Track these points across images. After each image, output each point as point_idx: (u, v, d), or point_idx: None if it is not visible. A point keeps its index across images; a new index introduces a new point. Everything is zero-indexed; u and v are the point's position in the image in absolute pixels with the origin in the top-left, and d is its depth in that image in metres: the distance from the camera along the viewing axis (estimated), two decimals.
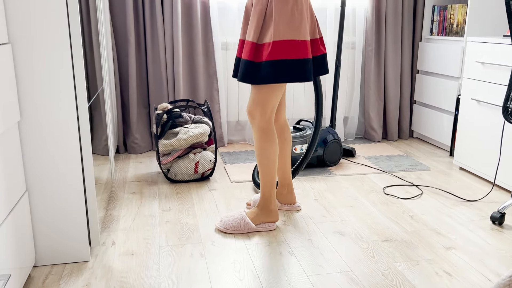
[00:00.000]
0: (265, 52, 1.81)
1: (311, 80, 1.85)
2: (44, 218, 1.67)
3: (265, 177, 1.98)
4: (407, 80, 3.39)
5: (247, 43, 1.87)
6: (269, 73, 1.80)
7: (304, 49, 1.81)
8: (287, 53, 1.79)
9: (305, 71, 1.82)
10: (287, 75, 1.80)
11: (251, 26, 1.86)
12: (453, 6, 3.07)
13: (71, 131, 1.62)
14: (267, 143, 1.93)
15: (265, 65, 1.80)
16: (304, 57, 1.81)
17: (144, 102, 3.12)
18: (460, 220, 2.10)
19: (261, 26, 1.84)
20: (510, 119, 2.05)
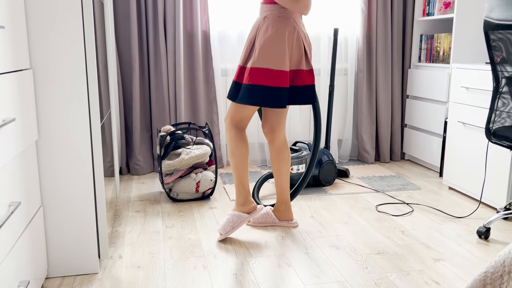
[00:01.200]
0: (245, 76, 2.04)
1: (284, 107, 2.02)
2: (57, 232, 1.77)
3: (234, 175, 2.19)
4: (398, 104, 3.56)
5: (240, 68, 2.13)
6: (246, 95, 2.03)
7: (280, 78, 1.99)
8: (262, 80, 2.00)
9: (278, 98, 2.00)
10: (259, 99, 2.01)
11: (243, 51, 2.12)
12: (439, 35, 3.27)
13: (85, 151, 1.74)
14: (232, 144, 2.15)
15: (243, 88, 2.04)
16: (278, 85, 1.99)
17: (147, 125, 3.25)
18: (449, 235, 2.22)
19: (248, 53, 2.08)
20: (492, 140, 2.20)
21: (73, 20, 1.65)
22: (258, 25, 2.06)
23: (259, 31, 2.04)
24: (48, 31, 1.64)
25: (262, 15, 2.06)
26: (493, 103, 2.19)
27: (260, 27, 2.04)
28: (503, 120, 2.17)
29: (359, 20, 3.42)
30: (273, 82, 2.00)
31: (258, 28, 2.05)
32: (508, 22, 1.97)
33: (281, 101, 2.01)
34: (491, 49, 2.13)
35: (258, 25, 2.06)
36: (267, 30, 2.01)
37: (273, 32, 1.99)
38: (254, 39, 2.07)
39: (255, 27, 2.08)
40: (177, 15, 3.07)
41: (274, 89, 2.00)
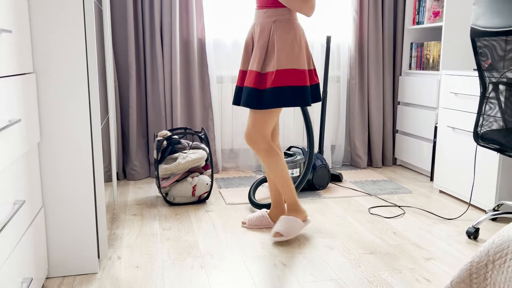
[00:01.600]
0: (268, 80, 2.04)
1: (310, 105, 2.09)
2: (58, 232, 1.81)
3: (285, 187, 2.21)
4: (389, 111, 3.64)
5: (250, 73, 2.10)
6: (273, 99, 2.03)
7: (304, 77, 2.06)
8: (288, 81, 2.04)
9: (304, 96, 2.06)
10: (288, 100, 2.05)
11: (254, 57, 2.10)
12: (429, 43, 3.36)
13: (85, 153, 1.79)
14: (274, 159, 2.17)
15: (268, 92, 2.04)
16: (303, 84, 2.06)
17: (143, 131, 3.30)
18: (439, 235, 2.28)
19: (264, 58, 2.08)
20: (480, 143, 2.27)
21: (75, 26, 1.70)
22: (270, 29, 2.06)
23: (273, 34, 2.05)
24: (50, 36, 1.69)
25: (269, 19, 2.07)
26: (481, 108, 2.27)
27: (274, 31, 2.05)
28: (490, 124, 2.25)
29: (351, 29, 3.50)
30: (298, 81, 2.05)
31: (271, 32, 2.06)
32: (493, 29, 2.06)
33: (307, 99, 2.07)
34: (478, 55, 2.21)
35: (270, 29, 2.06)
36: (285, 32, 2.05)
37: (291, 34, 2.05)
38: (267, 43, 2.07)
39: (264, 31, 2.08)
40: (173, 23, 3.13)
41: (300, 88, 2.05)
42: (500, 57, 2.12)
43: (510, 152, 2.12)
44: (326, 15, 3.47)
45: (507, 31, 1.99)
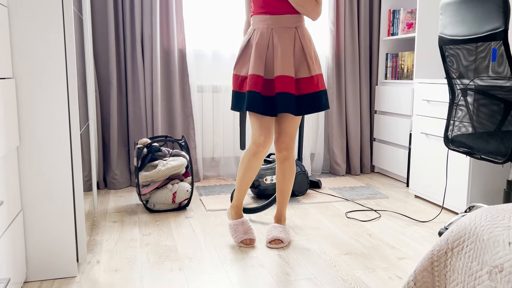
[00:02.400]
0: (304, 86, 2.10)
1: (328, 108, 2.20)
2: (36, 236, 1.83)
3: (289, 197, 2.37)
4: (366, 119, 3.73)
5: (284, 78, 2.06)
6: (313, 104, 2.11)
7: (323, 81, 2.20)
8: (320, 86, 2.16)
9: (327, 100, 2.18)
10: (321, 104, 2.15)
11: (282, 62, 2.07)
12: (403, 53, 3.48)
13: (64, 158, 1.82)
14: (294, 171, 2.29)
15: (307, 97, 2.10)
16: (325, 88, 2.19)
17: (124, 140, 3.33)
18: (413, 237, 2.35)
19: (294, 63, 2.11)
20: (450, 146, 2.36)
21: (54, 32, 1.75)
22: (293, 35, 2.09)
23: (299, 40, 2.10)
24: (30, 42, 1.73)
25: (290, 25, 2.09)
26: (450, 113, 2.37)
27: (300, 36, 2.11)
28: (460, 129, 2.34)
29: (328, 40, 3.61)
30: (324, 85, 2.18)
31: (295, 38, 2.10)
32: (459, 37, 2.16)
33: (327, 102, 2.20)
34: (446, 62, 2.31)
35: (293, 35, 2.09)
36: (308, 39, 2.14)
37: (312, 40, 2.18)
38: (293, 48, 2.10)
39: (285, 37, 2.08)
40: (154, 33, 3.19)
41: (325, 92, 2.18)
42: (467, 64, 2.22)
43: (477, 155, 2.21)
44: None
45: (472, 39, 2.09)
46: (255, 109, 2.07)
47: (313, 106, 2.11)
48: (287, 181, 2.28)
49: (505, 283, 0.96)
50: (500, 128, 2.15)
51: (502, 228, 1.04)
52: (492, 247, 1.02)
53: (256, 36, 2.13)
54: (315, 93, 2.11)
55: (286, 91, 2.06)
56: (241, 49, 2.18)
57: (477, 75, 2.21)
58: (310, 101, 2.10)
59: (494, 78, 2.12)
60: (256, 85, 2.08)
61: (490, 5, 1.96)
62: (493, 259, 1.01)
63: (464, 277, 1.09)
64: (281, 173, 2.27)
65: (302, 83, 2.10)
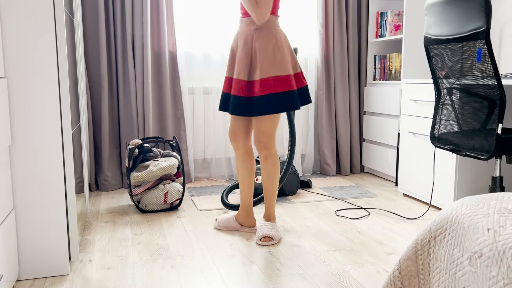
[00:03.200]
0: (256, 88, 2.14)
1: (298, 108, 2.18)
2: (28, 235, 1.84)
3: (275, 195, 2.36)
4: (356, 120, 3.78)
5: (238, 81, 2.18)
6: (262, 106, 2.13)
7: (288, 83, 2.16)
8: (274, 88, 2.13)
9: (290, 101, 2.16)
10: (276, 106, 2.14)
11: (239, 66, 2.18)
12: (391, 55, 3.54)
13: (56, 157, 1.84)
14: (277, 167, 2.31)
15: (257, 99, 2.13)
16: (289, 89, 2.15)
17: (115, 142, 3.35)
18: (401, 233, 2.39)
19: (249, 66, 2.17)
20: (436, 144, 2.41)
21: (46, 33, 1.77)
22: (252, 37, 2.15)
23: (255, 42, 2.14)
24: (21, 42, 1.75)
25: (251, 27, 2.15)
26: (436, 112, 2.42)
27: (255, 39, 2.14)
28: (446, 127, 2.39)
29: (317, 42, 3.66)
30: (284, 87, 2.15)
31: (253, 40, 2.15)
32: (443, 37, 2.22)
33: (295, 103, 2.17)
34: (432, 62, 2.37)
35: (252, 37, 2.15)
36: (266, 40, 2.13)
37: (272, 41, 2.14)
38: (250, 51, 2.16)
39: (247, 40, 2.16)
40: (145, 35, 3.22)
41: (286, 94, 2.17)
42: (452, 64, 2.27)
43: (463, 152, 2.26)
44: (293, 28, 3.62)
45: (456, 38, 2.15)
46: (224, 109, 2.28)
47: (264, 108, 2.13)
48: (270, 180, 2.31)
49: (484, 268, 1.00)
50: (484, 126, 2.20)
51: (482, 215, 1.08)
52: (472, 234, 1.06)
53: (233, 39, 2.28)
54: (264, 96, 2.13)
55: (238, 94, 2.17)
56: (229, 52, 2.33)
57: (462, 74, 2.27)
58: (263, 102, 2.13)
59: (478, 77, 2.18)
60: (226, 87, 2.27)
61: (473, 5, 2.02)
62: (473, 245, 1.05)
63: (446, 264, 1.13)
64: (264, 172, 2.31)
65: (254, 86, 2.16)
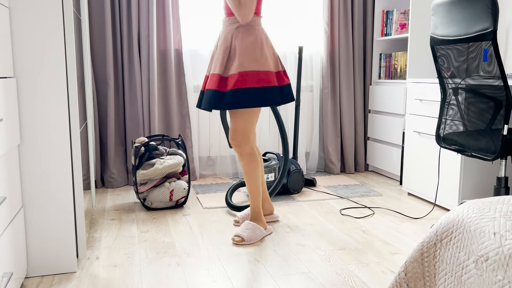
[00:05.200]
0: (230, 82, 2.14)
1: (277, 104, 2.17)
2: (37, 233, 1.86)
3: (256, 195, 2.32)
4: (360, 118, 3.79)
5: (212, 76, 2.21)
6: (235, 99, 2.12)
7: (267, 78, 2.15)
8: (251, 82, 2.12)
9: (269, 96, 2.15)
10: (251, 100, 2.12)
11: (216, 61, 2.21)
12: (396, 53, 3.53)
13: (64, 155, 1.85)
14: (253, 165, 2.27)
15: (230, 93, 2.13)
16: (267, 84, 2.15)
17: (121, 140, 3.36)
18: (406, 233, 2.40)
19: (226, 61, 2.18)
20: (442, 144, 2.42)
21: (55, 32, 1.79)
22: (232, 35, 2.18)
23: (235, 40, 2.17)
24: (31, 42, 1.77)
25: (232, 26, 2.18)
26: (442, 112, 2.42)
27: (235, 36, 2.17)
28: (451, 127, 2.40)
29: (322, 40, 3.66)
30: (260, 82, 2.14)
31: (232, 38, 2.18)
32: (450, 38, 2.22)
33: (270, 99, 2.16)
34: (438, 62, 2.37)
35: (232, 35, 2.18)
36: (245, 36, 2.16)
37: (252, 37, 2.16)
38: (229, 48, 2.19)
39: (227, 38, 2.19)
40: (150, 34, 3.23)
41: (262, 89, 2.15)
42: (458, 64, 2.28)
43: (468, 152, 2.26)
44: (298, 27, 3.62)
45: (462, 39, 2.15)
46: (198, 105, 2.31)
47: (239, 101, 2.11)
48: (246, 178, 2.30)
49: (490, 272, 1.01)
50: (490, 127, 2.20)
51: (488, 219, 1.09)
52: (478, 237, 1.07)
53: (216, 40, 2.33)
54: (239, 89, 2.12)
55: (211, 88, 2.18)
56: None
57: (468, 74, 2.27)
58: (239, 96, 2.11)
59: (484, 77, 2.18)
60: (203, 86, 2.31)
61: (480, 6, 2.02)
62: (479, 248, 1.06)
63: (452, 266, 1.14)
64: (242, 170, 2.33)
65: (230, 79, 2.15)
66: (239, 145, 2.24)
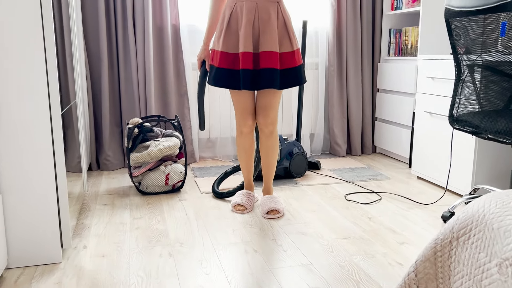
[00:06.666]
0: (297, 58, 2.16)
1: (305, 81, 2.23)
2: (17, 222, 1.73)
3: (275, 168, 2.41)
4: (368, 98, 3.60)
5: (272, 54, 2.08)
6: (296, 77, 2.15)
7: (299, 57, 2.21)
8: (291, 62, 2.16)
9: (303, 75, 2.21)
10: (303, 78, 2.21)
11: (269, 38, 2.09)
12: (407, 28, 3.32)
13: (45, 138, 1.71)
14: (277, 142, 2.32)
15: (293, 71, 2.14)
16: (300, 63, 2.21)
17: (116, 120, 3.22)
18: (414, 220, 2.25)
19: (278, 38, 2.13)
20: (455, 126, 2.24)
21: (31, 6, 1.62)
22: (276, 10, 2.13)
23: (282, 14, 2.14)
24: (5, 15, 1.61)
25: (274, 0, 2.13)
26: (456, 91, 2.24)
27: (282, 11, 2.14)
28: (466, 107, 2.22)
29: (328, 15, 3.45)
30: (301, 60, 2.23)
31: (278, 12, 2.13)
32: (466, 9, 2.02)
33: None
34: (453, 36, 2.18)
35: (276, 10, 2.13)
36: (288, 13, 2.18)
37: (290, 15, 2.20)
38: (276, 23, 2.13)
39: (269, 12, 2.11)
40: (146, 8, 3.05)
41: None
42: (475, 38, 2.08)
43: (484, 134, 2.09)
44: (303, 1, 3.41)
45: (481, 10, 1.95)
46: (246, 87, 2.12)
47: (295, 80, 2.16)
48: (273, 155, 2.33)
49: None
50: (509, 106, 2.02)
51: None
52: (503, 237, 0.91)
53: (240, 10, 2.12)
54: (296, 67, 2.17)
55: (271, 67, 2.09)
56: (225, 23, 2.15)
57: (485, 49, 2.08)
58: (292, 75, 2.16)
59: (504, 53, 1.99)
60: (248, 63, 2.11)
61: None
62: (504, 250, 0.90)
63: (471, 269, 0.99)
64: (267, 147, 2.31)
65: (285, 57, 2.14)
66: (272, 124, 2.23)
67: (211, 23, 2.26)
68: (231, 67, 2.14)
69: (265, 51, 2.09)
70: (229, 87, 2.16)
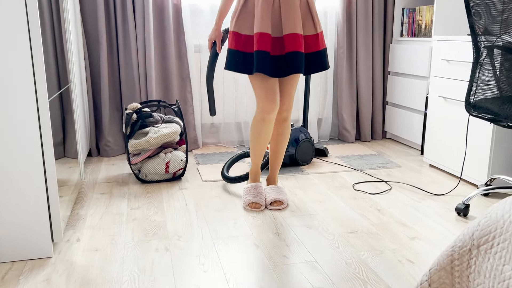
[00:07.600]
0: (320, 41, 2.03)
1: None
2: (4, 215, 1.64)
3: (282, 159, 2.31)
4: (379, 81, 3.44)
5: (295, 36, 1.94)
6: (322, 62, 2.04)
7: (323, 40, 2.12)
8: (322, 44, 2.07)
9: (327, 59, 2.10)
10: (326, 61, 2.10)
11: (292, 19, 1.95)
12: (421, 7, 3.14)
13: (32, 126, 1.60)
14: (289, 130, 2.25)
15: (323, 53, 2.04)
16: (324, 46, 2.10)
17: (116, 105, 3.11)
18: (426, 212, 2.13)
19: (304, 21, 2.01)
20: (472, 112, 2.09)
21: None
22: None
23: None
24: None
25: None
26: (473, 75, 2.08)
27: None
28: (484, 92, 2.06)
29: None
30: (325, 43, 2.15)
31: None
32: None
33: None
34: (471, 16, 2.01)
35: None
36: None
37: None
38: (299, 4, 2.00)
39: None
40: None
41: None
42: (495, 17, 1.92)
43: (504, 122, 1.94)
44: None
45: None
46: (264, 71, 1.95)
47: (320, 65, 2.05)
48: (284, 142, 2.23)
49: None
50: None
51: None
52: None
53: None
54: (320, 51, 2.04)
55: (296, 50, 1.96)
56: (241, 4, 2.00)
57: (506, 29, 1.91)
58: (317, 59, 2.03)
59: None
60: (266, 45, 1.95)
61: None
62: None
63: (493, 282, 0.87)
64: (278, 134, 2.21)
65: (308, 40, 2.01)
66: (287, 110, 2.15)
67: (226, 2, 2.10)
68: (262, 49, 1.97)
69: (289, 33, 1.94)
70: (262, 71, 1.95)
